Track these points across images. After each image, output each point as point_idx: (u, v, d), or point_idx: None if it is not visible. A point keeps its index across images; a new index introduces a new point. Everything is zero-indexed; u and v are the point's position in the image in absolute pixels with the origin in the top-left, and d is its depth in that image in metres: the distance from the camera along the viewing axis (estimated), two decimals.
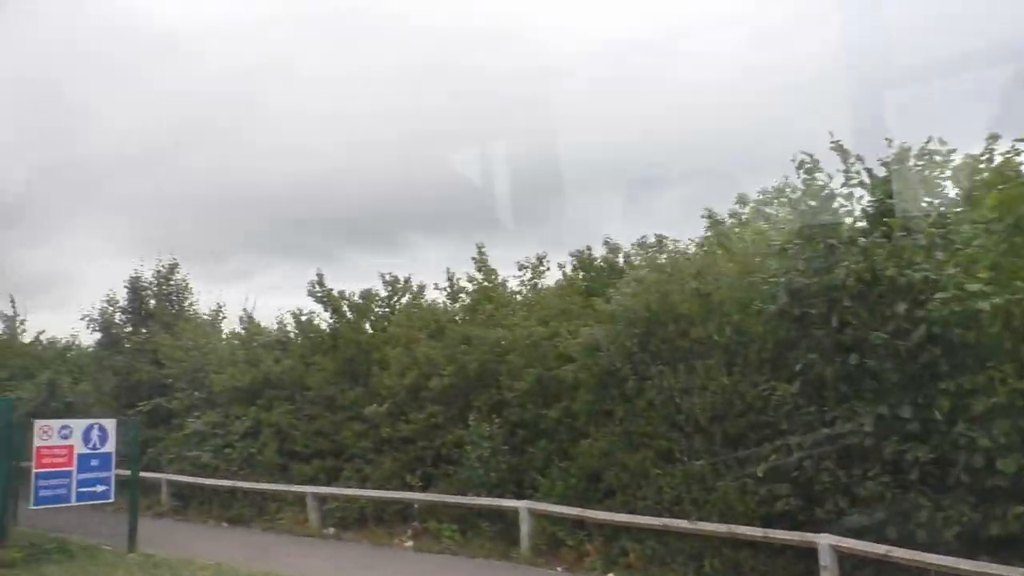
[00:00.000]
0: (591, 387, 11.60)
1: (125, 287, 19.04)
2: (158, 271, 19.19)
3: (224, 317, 19.00)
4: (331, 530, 13.99)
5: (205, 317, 19.46)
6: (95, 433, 11.64)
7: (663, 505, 10.50)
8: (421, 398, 13.66)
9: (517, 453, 12.50)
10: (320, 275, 15.76)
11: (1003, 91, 9.86)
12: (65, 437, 11.34)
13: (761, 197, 16.28)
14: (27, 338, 22.59)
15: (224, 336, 18.50)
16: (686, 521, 10.09)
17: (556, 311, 12.77)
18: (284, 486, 14.57)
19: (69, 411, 19.66)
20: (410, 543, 13.01)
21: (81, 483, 11.44)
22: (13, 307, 21.90)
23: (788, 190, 12.18)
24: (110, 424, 11.88)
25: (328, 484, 14.50)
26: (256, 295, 22.41)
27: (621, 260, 14.10)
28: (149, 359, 17.81)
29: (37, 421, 11.23)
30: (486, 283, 14.31)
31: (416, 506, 13.51)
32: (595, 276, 13.50)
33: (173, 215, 38.30)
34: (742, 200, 16.53)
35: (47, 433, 11.19)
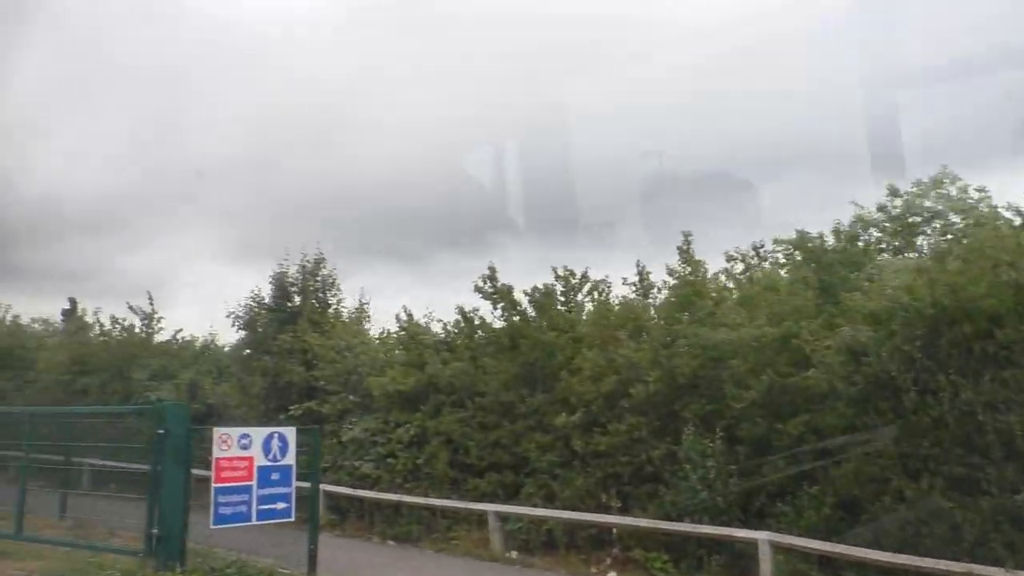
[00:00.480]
0: (849, 399, 9.71)
1: (270, 283, 18.00)
2: (303, 266, 18.06)
3: (369, 315, 17.73)
4: (514, 554, 12.45)
5: (350, 315, 18.24)
6: (275, 443, 10.33)
7: (963, 547, 8.56)
8: (619, 407, 12.00)
9: (746, 474, 10.69)
10: (492, 269, 14.30)
11: None
12: (245, 448, 10.05)
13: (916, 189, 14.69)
14: (162, 336, 21.84)
15: (376, 336, 17.22)
16: (1000, 570, 8.13)
17: (789, 309, 10.90)
18: (461, 503, 13.10)
19: (211, 414, 18.77)
20: (613, 573, 11.38)
21: (261, 499, 10.12)
22: (151, 303, 21.23)
23: None
24: (290, 433, 10.56)
25: (506, 501, 12.99)
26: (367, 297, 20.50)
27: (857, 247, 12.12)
28: (298, 360, 16.67)
29: (216, 429, 9.97)
30: (692, 276, 12.52)
31: (614, 531, 11.85)
32: (827, 268, 11.53)
33: (269, 219, 38.19)
34: (893, 192, 14.91)
35: (226, 443, 9.91)
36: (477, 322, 14.49)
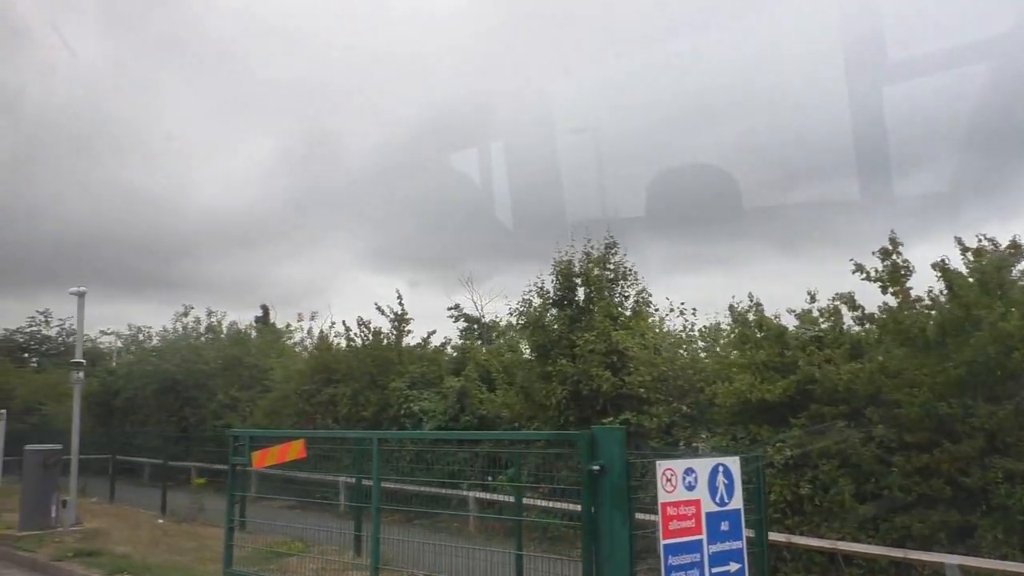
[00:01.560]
0: None
1: (553, 275, 15.31)
2: (586, 253, 15.29)
3: (672, 309, 14.65)
4: None
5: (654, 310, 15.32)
6: (720, 479, 7.42)
7: None
8: None
9: None
10: (894, 241, 10.96)
11: None
12: (690, 487, 7.19)
13: None
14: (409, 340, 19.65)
15: (696, 331, 14.21)
16: None
17: None
18: (894, 550, 9.81)
19: (481, 427, 16.32)
20: None
21: (713, 560, 7.26)
22: (400, 303, 19.10)
23: None
24: (733, 464, 7.60)
25: (950, 547, 9.64)
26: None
27: None
28: (601, 363, 13.87)
29: (659, 462, 7.14)
30: None
31: None
32: None
33: (407, 225, 37.30)
34: None
35: (671, 481, 7.10)
36: (877, 312, 11.15)
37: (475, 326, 33.45)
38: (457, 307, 33.24)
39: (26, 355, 50.79)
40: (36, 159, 77.79)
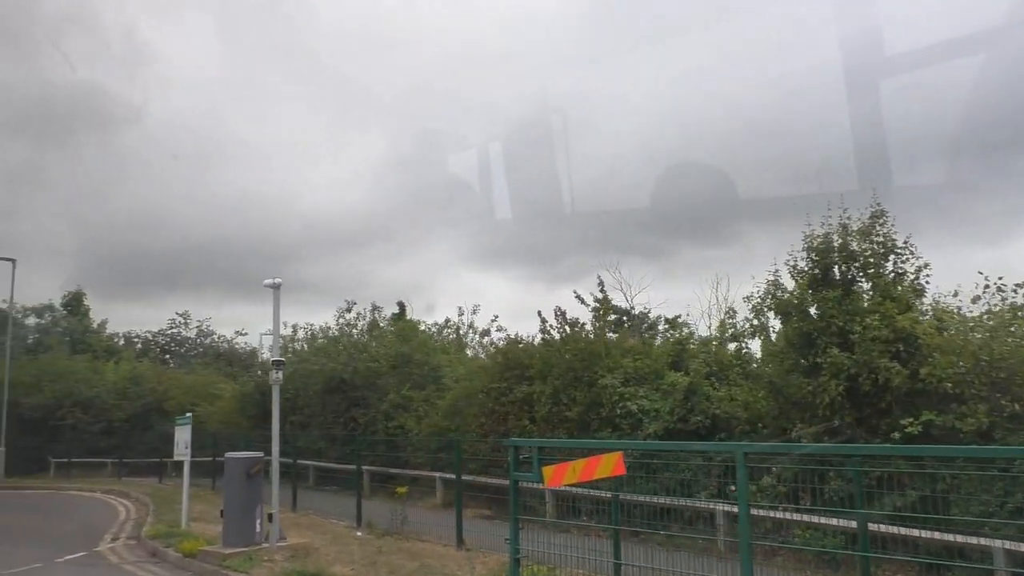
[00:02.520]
0: None
1: (804, 253, 13.09)
2: (842, 225, 12.99)
3: (987, 285, 12.13)
4: None
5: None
6: None
7: None
8: None
9: None
10: None
11: None
12: None
13: None
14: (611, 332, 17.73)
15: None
16: None
17: None
18: None
19: (716, 429, 14.24)
20: None
21: None
22: (602, 290, 17.14)
23: None
24: None
25: None
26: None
27: None
28: (885, 352, 11.56)
29: None
30: None
31: None
32: None
33: (506, 223, 36.06)
34: None
35: None
36: None
37: (624, 318, 31.66)
38: (605, 299, 31.86)
39: (167, 357, 51.65)
40: (158, 169, 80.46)
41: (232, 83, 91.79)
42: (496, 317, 27.32)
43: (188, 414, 16.97)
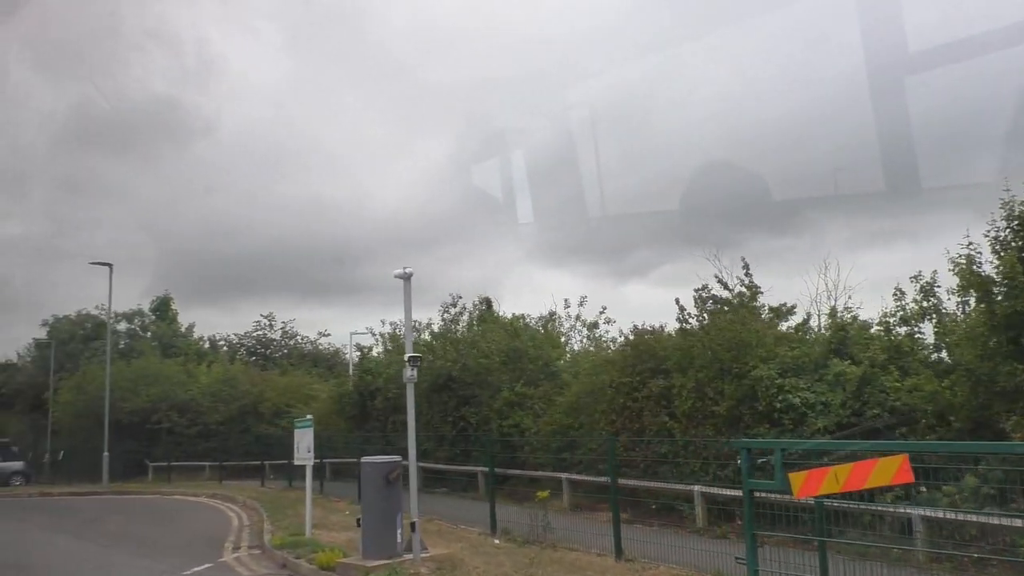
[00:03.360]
0: None
1: (1006, 222, 11.44)
2: None
3: None
4: None
5: None
6: None
7: None
8: None
9: None
10: None
11: None
12: None
13: None
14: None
15: None
16: None
17: None
18: None
19: (897, 424, 12.67)
20: None
21: None
22: (747, 273, 15.66)
23: None
24: None
25: None
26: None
27: None
28: None
29: None
30: None
31: None
32: None
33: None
34: None
35: None
36: None
37: (726, 308, 30.25)
38: (705, 288, 30.75)
39: (254, 359, 51.72)
40: (231, 178, 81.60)
41: (301, 90, 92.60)
42: (604, 308, 26.20)
43: (308, 416, 16.09)
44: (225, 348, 53.80)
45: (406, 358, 12.45)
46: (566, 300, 29.82)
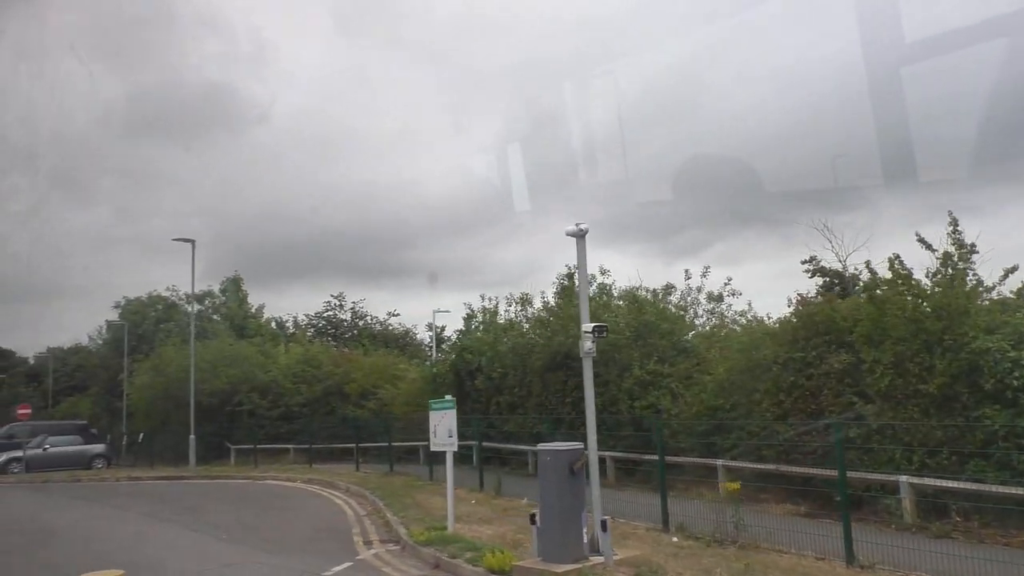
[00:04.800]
0: None
1: None
2: None
3: None
4: None
5: None
6: None
7: None
8: None
9: None
10: None
11: None
12: None
13: None
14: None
15: None
16: None
17: None
18: None
19: None
20: None
21: None
22: (956, 232, 13.54)
23: None
24: None
25: None
26: None
27: None
28: None
29: None
30: None
31: None
32: None
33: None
34: None
35: None
36: None
37: (836, 281, 28.28)
38: (813, 259, 28.95)
39: (326, 339, 50.61)
40: (285, 163, 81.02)
41: (351, 76, 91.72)
42: (730, 279, 24.15)
43: (448, 396, 14.35)
44: (293, 331, 52.83)
45: (587, 328, 10.61)
46: (686, 271, 28.00)
